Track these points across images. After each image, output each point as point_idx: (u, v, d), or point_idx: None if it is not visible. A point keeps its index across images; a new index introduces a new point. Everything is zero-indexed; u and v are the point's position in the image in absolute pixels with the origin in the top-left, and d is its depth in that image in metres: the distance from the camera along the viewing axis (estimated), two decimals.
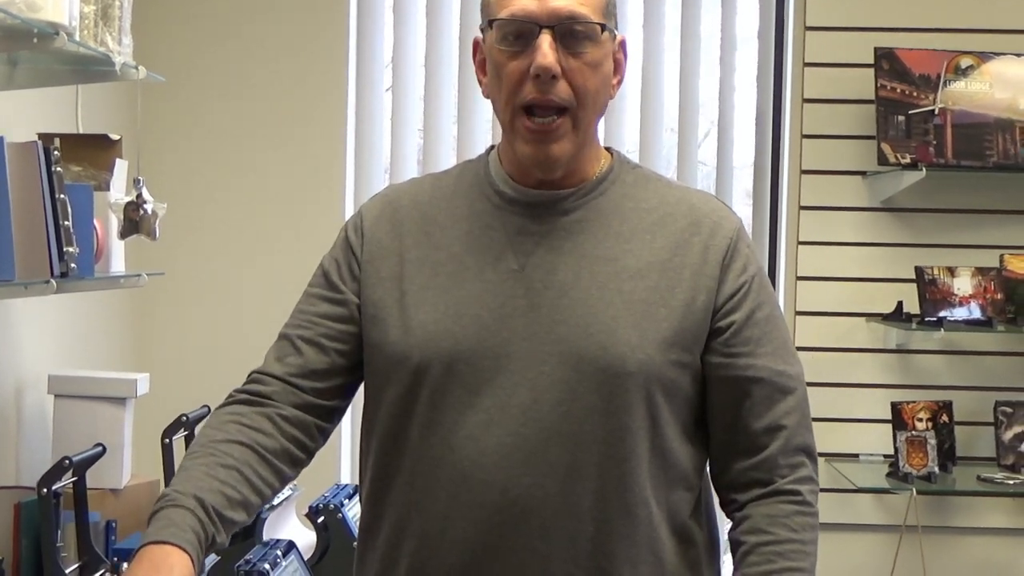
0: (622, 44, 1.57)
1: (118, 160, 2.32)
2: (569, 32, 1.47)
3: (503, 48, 1.49)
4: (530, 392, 1.47)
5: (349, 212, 3.38)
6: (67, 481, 2.13)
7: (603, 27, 1.49)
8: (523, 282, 1.51)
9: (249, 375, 1.58)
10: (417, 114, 3.46)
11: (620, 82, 1.58)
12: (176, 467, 2.43)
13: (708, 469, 1.59)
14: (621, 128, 3.43)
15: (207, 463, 1.44)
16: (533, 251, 1.52)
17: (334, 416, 1.60)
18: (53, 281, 1.86)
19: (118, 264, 2.35)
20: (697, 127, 3.47)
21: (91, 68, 2.15)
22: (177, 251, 3.35)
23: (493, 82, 1.52)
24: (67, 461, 2.05)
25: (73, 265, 1.93)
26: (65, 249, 1.91)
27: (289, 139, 3.38)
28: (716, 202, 1.61)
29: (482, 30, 1.55)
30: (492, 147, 1.63)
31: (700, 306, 1.51)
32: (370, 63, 3.44)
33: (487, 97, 1.57)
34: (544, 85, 1.46)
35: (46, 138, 2.31)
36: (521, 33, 1.47)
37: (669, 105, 3.45)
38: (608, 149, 1.63)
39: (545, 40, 1.46)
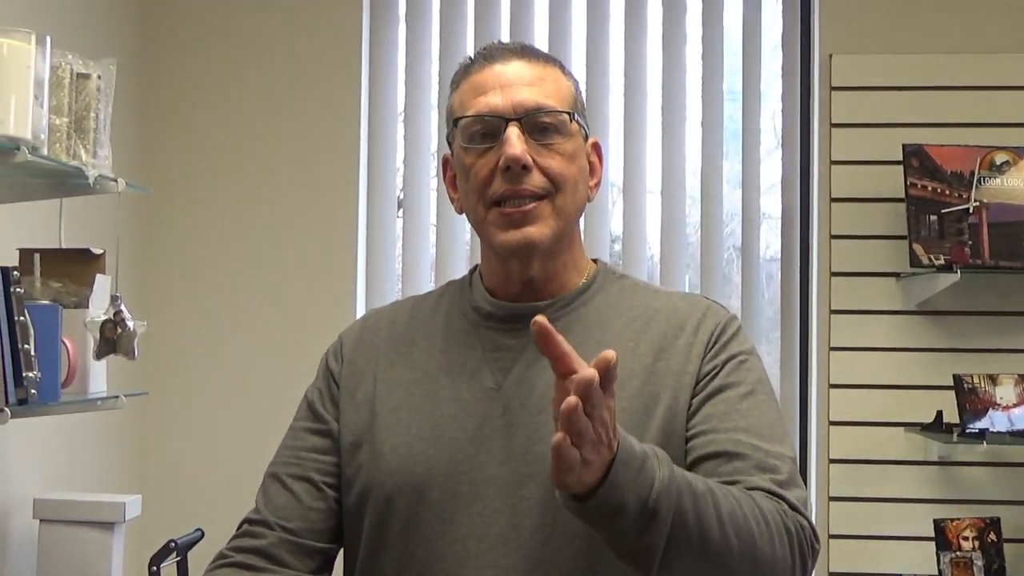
0: (596, 147, 1.51)
1: (99, 276, 2.23)
2: (537, 125, 1.40)
3: (471, 147, 1.42)
4: (509, 519, 1.36)
5: None
6: None
7: (571, 116, 1.42)
8: (500, 401, 1.40)
9: (240, 526, 1.48)
10: (430, 218, 3.36)
11: (597, 185, 1.51)
12: None
13: None
14: (644, 223, 3.31)
15: None
16: (511, 367, 1.42)
17: (331, 563, 1.49)
18: (7, 410, 1.74)
19: (98, 384, 2.24)
20: (722, 225, 3.34)
21: (68, 182, 2.07)
22: (172, 368, 3.26)
23: (464, 187, 1.45)
24: None
25: (34, 391, 1.82)
26: (25, 374, 1.80)
27: (292, 251, 3.29)
28: (705, 302, 1.49)
29: (449, 141, 1.49)
30: (476, 267, 1.55)
31: (682, 407, 1.39)
32: (381, 164, 3.36)
33: (460, 212, 1.50)
34: (515, 178, 1.38)
35: (25, 254, 2.24)
36: (488, 131, 1.41)
37: (692, 201, 3.33)
38: (595, 260, 1.54)
39: (513, 132, 1.39)
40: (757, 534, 1.23)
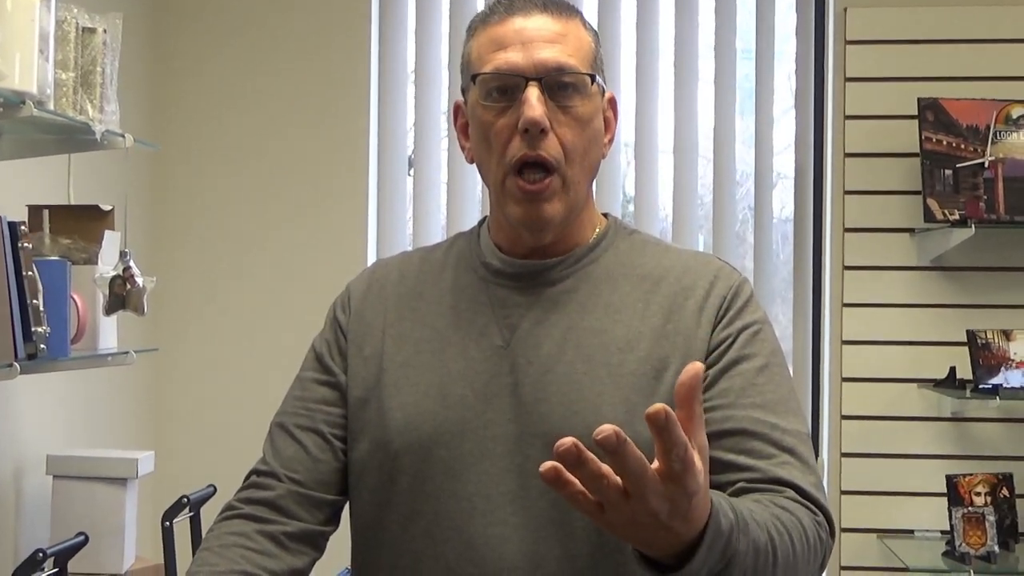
0: (612, 102, 1.47)
1: (108, 232, 2.23)
2: (557, 85, 1.37)
3: (488, 104, 1.39)
4: (517, 478, 1.35)
5: None
6: (48, 573, 2.02)
7: (592, 78, 1.39)
8: (508, 359, 1.39)
9: (247, 477, 1.47)
10: (441, 177, 3.35)
11: (611, 141, 1.48)
12: (177, 553, 2.30)
13: None
14: (656, 184, 3.29)
15: None
16: (519, 325, 1.41)
17: (339, 515, 1.49)
18: (17, 364, 1.74)
19: (109, 340, 2.25)
20: (735, 185, 3.32)
21: (75, 137, 2.07)
22: (182, 324, 3.27)
23: (479, 144, 1.42)
24: (41, 554, 1.93)
25: (43, 346, 1.82)
26: (33, 329, 1.80)
27: (303, 208, 3.29)
28: (717, 263, 1.46)
29: (463, 91, 1.46)
30: (484, 219, 1.53)
31: None
32: (392, 123, 3.34)
33: (471, 163, 1.47)
34: (533, 140, 1.36)
35: (34, 211, 2.24)
36: (507, 88, 1.38)
37: (705, 161, 3.31)
38: (606, 215, 1.52)
39: (533, 93, 1.36)
40: (801, 564, 1.25)
